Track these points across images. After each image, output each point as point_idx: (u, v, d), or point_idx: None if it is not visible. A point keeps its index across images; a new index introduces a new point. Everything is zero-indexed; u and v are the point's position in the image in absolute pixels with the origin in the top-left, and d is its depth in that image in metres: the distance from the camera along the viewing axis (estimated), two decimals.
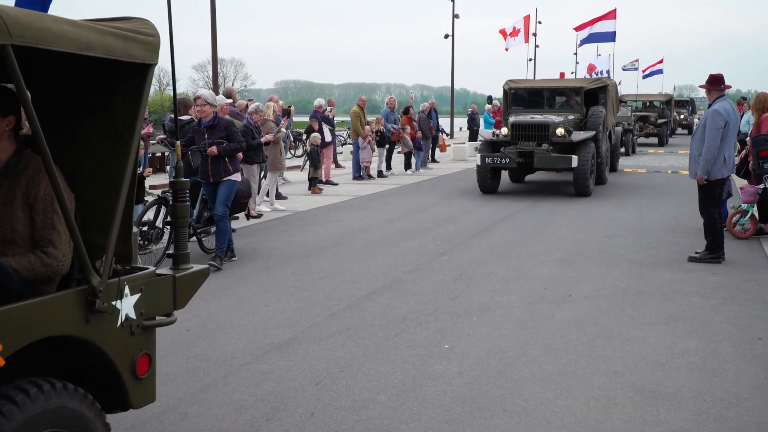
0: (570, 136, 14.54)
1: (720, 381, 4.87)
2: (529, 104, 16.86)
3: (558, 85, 17.37)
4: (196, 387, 4.78)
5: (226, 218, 8.42)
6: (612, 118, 18.22)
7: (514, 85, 16.98)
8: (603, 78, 21.24)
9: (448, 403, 4.52)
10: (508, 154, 14.34)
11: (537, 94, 17.03)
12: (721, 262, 8.45)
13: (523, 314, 6.43)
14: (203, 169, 8.47)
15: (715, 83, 8.41)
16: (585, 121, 15.95)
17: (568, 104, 16.77)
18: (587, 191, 14.54)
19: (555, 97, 17.03)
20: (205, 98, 8.45)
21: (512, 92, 16.93)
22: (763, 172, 9.71)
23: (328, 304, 6.78)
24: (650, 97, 36.64)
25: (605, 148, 16.71)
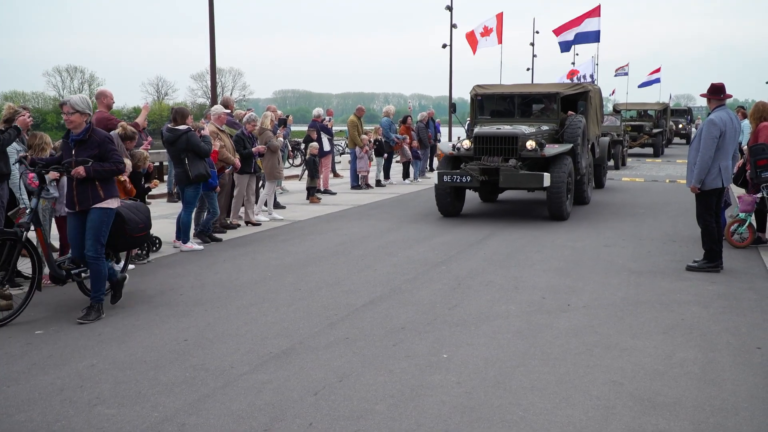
0: (542, 150, 12.50)
1: (719, 390, 4.86)
2: (499, 113, 14.82)
3: (531, 91, 14.82)
4: (194, 397, 4.77)
5: (100, 259, 6.64)
6: (595, 128, 16.26)
7: (482, 91, 14.86)
8: (584, 83, 18.35)
9: (447, 413, 4.51)
10: (469, 171, 12.35)
11: (507, 102, 14.80)
12: (720, 271, 8.45)
13: (522, 324, 6.42)
14: (68, 194, 6.78)
15: (715, 93, 8.44)
16: (562, 133, 13.91)
17: (544, 113, 14.65)
18: (563, 214, 12.55)
19: (529, 104, 14.84)
20: (72, 104, 6.56)
21: (479, 99, 14.84)
22: (761, 181, 9.73)
23: (327, 313, 6.77)
24: (645, 106, 35.53)
25: (586, 163, 14.71)
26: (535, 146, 12.37)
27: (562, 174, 12.37)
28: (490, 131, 12.77)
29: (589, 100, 15.11)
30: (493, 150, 12.53)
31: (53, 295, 7.51)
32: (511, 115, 14.54)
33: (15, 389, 4.92)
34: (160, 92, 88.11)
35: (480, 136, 12.73)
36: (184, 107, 11.49)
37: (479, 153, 12.63)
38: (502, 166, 12.25)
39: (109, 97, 9.99)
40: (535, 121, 14.10)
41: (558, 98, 14.33)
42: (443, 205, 13.07)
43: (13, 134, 7.54)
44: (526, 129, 12.91)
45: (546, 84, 15.37)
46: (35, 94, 77.22)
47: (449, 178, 12.45)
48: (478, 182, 12.35)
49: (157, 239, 9.85)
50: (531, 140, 12.46)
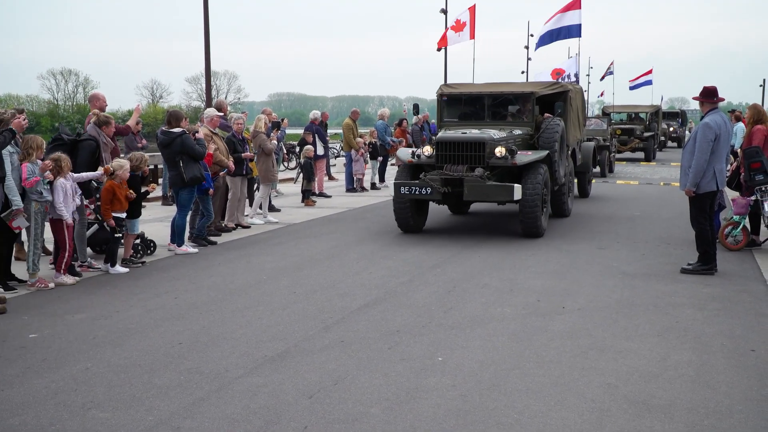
0: (513, 158, 10.94)
1: (713, 393, 4.87)
2: (467, 115, 13.13)
3: (502, 91, 12.95)
4: (189, 400, 4.76)
5: None
6: (577, 132, 14.63)
7: (449, 90, 13.23)
8: (563, 82, 16.28)
9: (442, 415, 4.51)
10: (429, 181, 10.85)
11: (476, 103, 13.03)
12: (714, 273, 8.47)
13: (517, 326, 6.43)
14: None
15: (708, 96, 8.46)
16: (537, 138, 12.33)
17: (518, 115, 12.92)
18: (537, 230, 11.01)
19: (501, 106, 13.08)
20: None
21: (445, 100, 13.16)
22: (755, 183, 9.76)
23: (322, 316, 6.77)
24: (636, 109, 33.78)
25: (565, 172, 13.12)
26: (504, 153, 10.86)
27: (536, 185, 10.87)
28: (454, 136, 11.25)
29: (568, 101, 13.51)
30: (458, 157, 11.04)
31: (47, 298, 7.49)
32: (481, 117, 12.87)
33: (9, 393, 4.90)
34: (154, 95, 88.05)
35: (442, 141, 11.19)
36: (178, 110, 11.49)
37: (442, 161, 11.13)
38: (467, 176, 10.75)
39: (102, 100, 10.06)
40: (508, 125, 12.52)
41: (533, 99, 12.63)
42: (402, 220, 11.56)
43: (8, 137, 7.53)
44: (495, 133, 11.38)
45: (520, 83, 13.82)
46: (30, 96, 77.11)
47: (407, 189, 10.96)
48: (439, 195, 10.86)
49: (151, 242, 9.84)
50: (500, 146, 10.95)
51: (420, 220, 11.88)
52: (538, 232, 11.05)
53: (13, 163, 7.67)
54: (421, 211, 11.92)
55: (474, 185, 10.67)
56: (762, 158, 9.63)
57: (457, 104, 13.26)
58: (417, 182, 11.00)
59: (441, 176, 10.85)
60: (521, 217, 10.99)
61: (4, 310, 6.90)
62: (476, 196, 10.91)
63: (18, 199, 7.55)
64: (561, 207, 13.35)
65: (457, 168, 10.89)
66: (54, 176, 7.97)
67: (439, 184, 10.80)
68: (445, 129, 12.46)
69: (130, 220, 9.00)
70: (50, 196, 7.93)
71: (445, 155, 11.10)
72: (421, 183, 10.93)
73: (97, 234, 9.33)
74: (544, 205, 11.29)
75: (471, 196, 10.81)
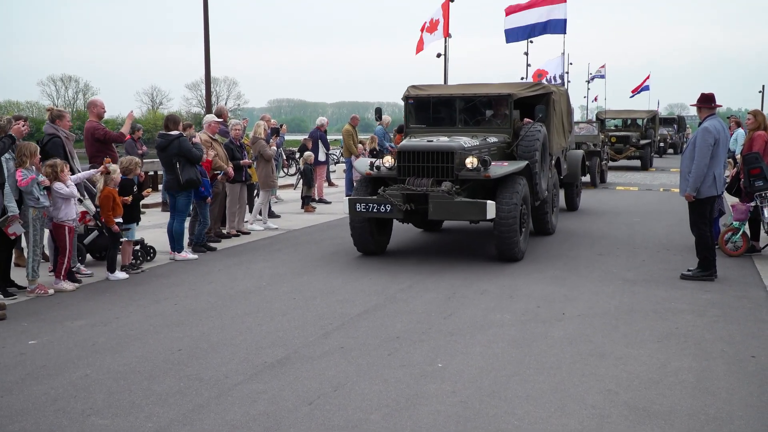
0: (486, 169, 9.47)
1: (713, 399, 4.86)
2: (437, 121, 11.60)
3: (475, 93, 11.43)
4: (189, 407, 4.75)
5: None
6: (561, 140, 13.18)
7: (416, 92, 11.69)
8: (545, 83, 14.25)
9: (442, 422, 4.50)
10: (389, 197, 9.36)
11: (446, 107, 11.54)
12: (714, 279, 8.47)
13: (517, 332, 6.42)
14: None
15: (706, 102, 8.49)
16: (516, 146, 10.96)
17: (494, 121, 11.42)
18: (514, 254, 9.59)
19: (475, 110, 11.55)
20: None
21: (412, 103, 11.63)
22: (754, 189, 9.77)
23: (321, 323, 6.76)
24: (632, 114, 32.37)
25: (548, 184, 11.71)
26: (476, 164, 9.39)
27: (512, 201, 9.41)
28: (418, 144, 9.78)
29: (551, 105, 12.03)
30: (422, 169, 9.59)
31: (47, 305, 7.48)
32: (452, 123, 11.38)
33: (8, 399, 4.89)
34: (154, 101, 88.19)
35: (405, 150, 9.72)
36: (175, 114, 11.50)
37: (404, 173, 9.69)
38: (433, 191, 9.27)
39: (100, 107, 10.13)
40: (483, 131, 11.08)
41: (510, 102, 11.10)
42: (361, 240, 10.20)
43: (8, 143, 7.54)
44: (467, 141, 9.93)
45: (496, 84, 11.97)
46: (29, 103, 77.16)
47: (363, 207, 9.46)
48: (401, 213, 9.34)
49: (151, 248, 9.84)
50: (472, 156, 9.50)
51: (382, 240, 10.52)
52: (515, 256, 9.63)
53: (9, 170, 7.68)
54: (383, 229, 10.54)
55: (440, 202, 9.18)
56: (761, 164, 9.64)
57: (425, 108, 11.70)
58: (375, 198, 9.51)
59: (402, 191, 9.39)
60: (496, 239, 9.55)
61: (4, 317, 6.90)
62: (443, 215, 9.46)
63: (14, 205, 7.55)
64: (543, 224, 11.99)
65: (422, 181, 9.45)
66: (51, 181, 7.98)
67: (401, 201, 9.29)
68: (410, 137, 10.99)
69: (129, 224, 8.99)
70: (47, 201, 7.93)
71: (409, 167, 9.66)
72: (379, 199, 9.42)
73: (97, 240, 9.34)
74: (523, 224, 9.89)
75: (437, 215, 9.35)
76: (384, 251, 10.55)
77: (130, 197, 8.93)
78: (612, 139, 27.32)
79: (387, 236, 10.68)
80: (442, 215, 9.49)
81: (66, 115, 9.39)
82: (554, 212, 12.51)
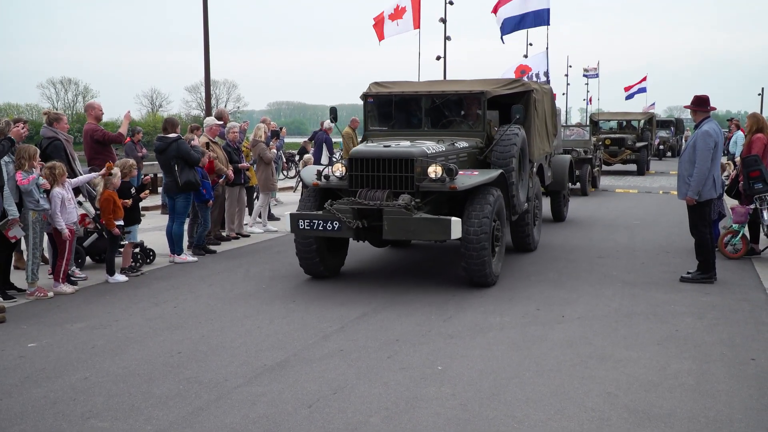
0: (452, 180, 8.05)
1: (713, 402, 4.86)
2: (401, 123, 10.18)
3: (443, 91, 9.97)
4: (188, 410, 4.75)
5: None
6: (544, 144, 11.68)
7: (377, 90, 10.30)
8: (525, 81, 12.11)
9: (442, 425, 4.50)
10: (336, 213, 7.92)
11: (411, 107, 10.13)
12: (713, 282, 8.47)
13: (516, 335, 6.42)
14: None
15: (701, 104, 8.50)
16: (488, 152, 9.52)
17: (465, 123, 9.99)
18: (486, 278, 8.21)
19: (444, 111, 9.99)
20: None
21: (371, 102, 10.24)
22: (754, 192, 9.77)
23: (321, 326, 6.76)
24: (627, 116, 30.78)
25: (528, 195, 10.36)
26: (441, 174, 8.02)
27: (483, 217, 8.03)
28: (372, 150, 8.35)
29: (532, 105, 10.59)
30: (377, 179, 8.18)
31: (46, 307, 7.48)
32: (416, 125, 10.01)
33: (8, 402, 4.89)
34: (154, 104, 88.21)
35: (357, 158, 8.29)
36: (174, 117, 11.51)
37: (356, 184, 8.27)
38: (388, 205, 7.85)
39: (97, 109, 10.18)
40: (452, 135, 9.62)
41: (483, 101, 9.67)
42: (308, 262, 8.74)
43: (7, 146, 7.54)
44: (431, 147, 8.54)
45: (468, 81, 10.48)
46: (29, 106, 77.14)
47: (307, 224, 7.99)
48: (350, 231, 7.92)
49: (151, 251, 9.83)
50: (435, 164, 8.08)
51: (334, 260, 9.05)
52: (486, 281, 8.25)
53: (9, 173, 7.68)
54: (335, 249, 9.09)
55: (396, 219, 7.70)
56: (761, 167, 9.65)
57: (387, 109, 10.24)
58: (320, 214, 8.05)
59: (352, 205, 7.98)
60: (465, 261, 8.14)
61: (4, 320, 6.89)
62: (399, 233, 7.84)
63: (14, 208, 7.55)
64: (523, 240, 10.60)
65: (376, 194, 8.01)
66: (51, 184, 7.97)
67: (351, 217, 7.89)
68: (368, 141, 9.68)
69: (130, 227, 8.99)
70: (47, 204, 7.93)
71: (361, 176, 8.23)
72: (325, 215, 7.98)
73: (96, 243, 9.34)
74: (497, 243, 8.52)
75: (392, 233, 7.79)
76: (337, 274, 9.09)
77: (130, 200, 8.94)
78: (606, 141, 26.24)
79: (340, 258, 9.23)
80: (398, 234, 7.85)
81: (63, 118, 9.41)
82: (537, 226, 11.17)
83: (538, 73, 24.73)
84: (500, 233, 8.67)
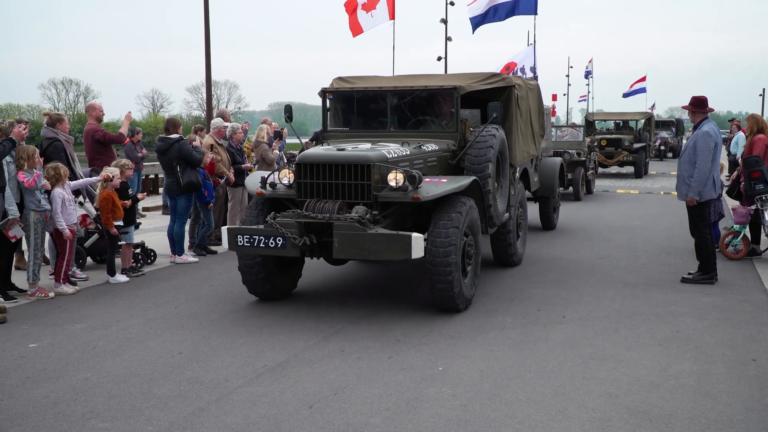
0: (416, 189, 6.95)
1: (714, 402, 4.86)
2: (363, 122, 9.05)
3: (412, 86, 8.69)
4: (189, 411, 4.75)
5: None
6: (529, 147, 10.44)
7: (338, 85, 9.19)
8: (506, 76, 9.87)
9: (443, 425, 4.50)
10: (280, 228, 6.82)
11: (376, 104, 8.95)
12: (714, 283, 8.47)
13: (517, 336, 6.42)
14: None
15: (700, 106, 8.50)
16: (461, 155, 8.34)
17: (436, 122, 8.75)
18: (453, 301, 7.06)
19: (414, 109, 8.75)
20: None
21: (331, 99, 9.15)
22: (755, 192, 9.77)
23: (322, 326, 6.76)
24: (624, 116, 29.61)
25: (509, 204, 9.19)
26: (402, 182, 6.95)
27: (449, 232, 6.89)
28: (324, 154, 7.20)
29: (514, 102, 9.34)
30: (329, 188, 7.08)
31: (47, 308, 7.49)
32: (381, 125, 8.88)
33: (9, 403, 4.89)
34: (155, 105, 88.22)
35: (305, 163, 7.17)
36: (175, 117, 11.51)
37: (305, 193, 7.18)
38: (339, 218, 6.74)
39: (98, 110, 10.26)
40: (422, 136, 8.51)
41: (456, 98, 8.47)
42: (251, 280, 7.66)
43: (8, 146, 7.55)
44: (394, 150, 7.45)
45: (441, 75, 9.55)
46: (30, 106, 77.15)
47: (247, 240, 6.94)
48: (296, 248, 6.83)
49: (152, 252, 9.84)
50: (396, 171, 7.00)
51: (282, 280, 7.84)
52: (455, 306, 7.12)
53: (10, 173, 7.69)
54: (284, 267, 7.87)
55: (347, 234, 6.62)
56: (762, 167, 9.65)
57: (349, 106, 9.09)
58: (261, 229, 6.96)
59: (299, 219, 6.89)
60: (430, 283, 7.02)
61: (4, 320, 6.90)
62: (351, 252, 6.71)
63: (14, 208, 7.56)
64: (505, 253, 9.43)
65: (326, 205, 6.94)
66: (52, 185, 7.99)
67: (297, 232, 6.79)
68: (325, 143, 8.59)
69: (127, 228, 8.99)
70: (48, 205, 7.93)
71: (311, 184, 7.14)
72: (268, 230, 6.89)
73: (97, 243, 9.34)
74: (468, 261, 7.40)
75: (343, 251, 6.70)
76: (289, 295, 8.00)
77: (129, 201, 8.95)
78: (602, 142, 24.98)
79: (291, 277, 8.01)
80: (350, 252, 6.73)
81: (65, 119, 9.43)
82: (520, 237, 9.98)
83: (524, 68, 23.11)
84: (473, 250, 7.50)
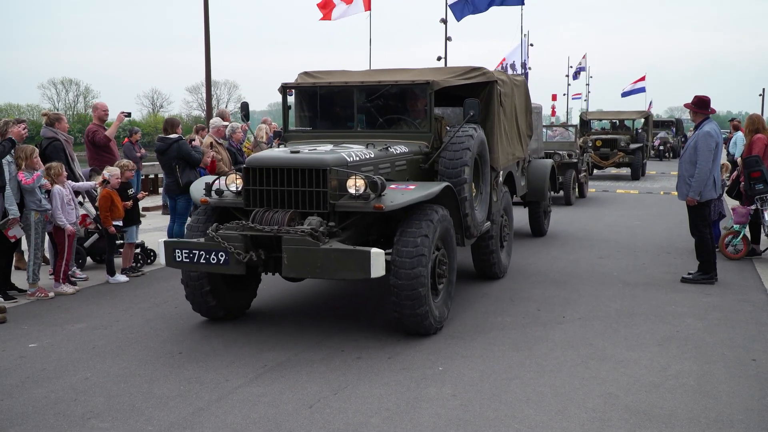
0: (378, 197, 6.08)
1: (714, 402, 4.86)
2: (328, 122, 8.17)
3: (381, 81, 7.76)
4: (189, 410, 4.75)
5: None
6: (514, 148, 9.44)
7: (301, 80, 8.28)
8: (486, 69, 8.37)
9: (443, 425, 4.50)
10: (222, 242, 5.97)
11: (340, 102, 8.07)
12: (714, 283, 8.47)
13: (517, 336, 6.42)
14: None
15: (702, 106, 8.49)
16: (434, 158, 7.50)
17: (408, 121, 7.84)
18: (421, 324, 6.25)
19: (385, 107, 7.87)
20: None
21: (292, 95, 8.25)
22: (755, 192, 9.77)
23: (322, 326, 6.76)
24: (621, 115, 28.23)
25: (487, 212, 8.19)
26: (363, 189, 6.07)
27: (417, 242, 6.09)
28: (274, 157, 6.41)
29: (495, 99, 8.42)
30: (281, 196, 6.26)
31: (47, 308, 7.48)
32: (348, 125, 8.03)
33: (9, 403, 4.89)
34: (155, 104, 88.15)
35: (254, 167, 6.37)
36: (175, 117, 11.49)
37: (254, 202, 6.38)
38: (288, 231, 5.92)
39: (100, 110, 10.31)
40: (392, 137, 7.63)
41: (430, 93, 7.49)
42: (195, 299, 6.79)
43: (8, 146, 7.55)
44: (356, 153, 6.60)
45: (414, 70, 8.34)
46: (30, 106, 77.11)
47: (186, 255, 6.08)
48: (241, 265, 5.99)
49: (151, 252, 9.83)
50: (356, 177, 6.12)
51: (234, 297, 7.01)
52: (424, 329, 6.32)
53: (10, 173, 7.69)
54: (235, 283, 7.01)
55: (297, 250, 5.78)
56: (762, 167, 9.65)
57: (312, 104, 8.19)
58: (202, 243, 6.12)
59: (243, 232, 6.07)
60: (394, 301, 6.22)
61: (4, 320, 6.90)
62: (303, 269, 5.87)
63: (15, 208, 7.57)
64: (486, 265, 8.62)
65: (275, 216, 6.10)
66: (51, 184, 8.00)
67: (241, 246, 5.98)
68: (282, 145, 7.89)
69: (128, 227, 8.99)
70: (49, 205, 7.94)
71: (260, 191, 6.32)
72: (209, 244, 6.04)
73: (97, 243, 9.34)
74: (440, 279, 6.59)
75: (294, 269, 5.87)
76: (243, 314, 7.18)
77: (130, 201, 8.94)
78: (597, 142, 23.73)
79: (244, 293, 7.17)
80: (301, 270, 5.89)
81: (64, 118, 9.44)
82: (505, 248, 9.15)
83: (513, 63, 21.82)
84: (448, 266, 6.74)
